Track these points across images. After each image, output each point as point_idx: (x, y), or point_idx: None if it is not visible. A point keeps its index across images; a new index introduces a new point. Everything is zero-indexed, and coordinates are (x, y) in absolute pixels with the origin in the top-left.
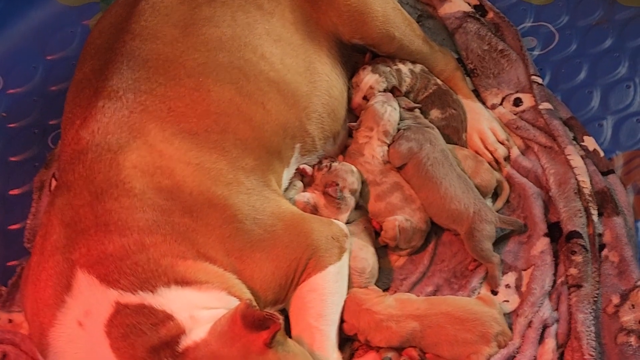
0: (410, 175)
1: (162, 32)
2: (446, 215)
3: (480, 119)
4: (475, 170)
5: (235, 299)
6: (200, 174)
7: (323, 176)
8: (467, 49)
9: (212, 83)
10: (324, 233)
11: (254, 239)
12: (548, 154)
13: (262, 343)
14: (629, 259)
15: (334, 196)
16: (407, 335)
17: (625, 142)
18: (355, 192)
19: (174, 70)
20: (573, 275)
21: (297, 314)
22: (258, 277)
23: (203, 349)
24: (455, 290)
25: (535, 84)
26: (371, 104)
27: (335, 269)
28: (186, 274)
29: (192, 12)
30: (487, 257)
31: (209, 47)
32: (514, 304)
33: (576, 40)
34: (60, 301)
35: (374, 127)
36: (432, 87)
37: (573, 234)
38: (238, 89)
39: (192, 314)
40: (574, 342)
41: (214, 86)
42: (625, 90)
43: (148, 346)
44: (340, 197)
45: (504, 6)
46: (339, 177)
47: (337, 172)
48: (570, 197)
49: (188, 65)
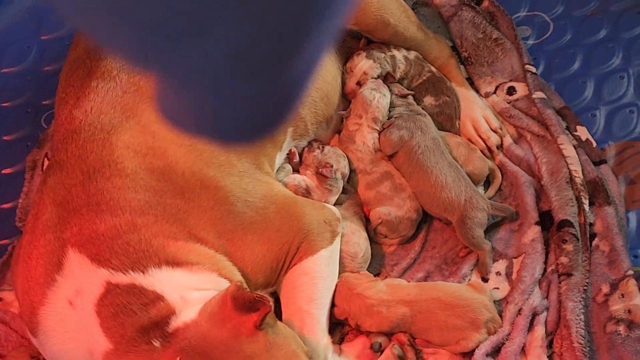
0: (401, 163)
1: None
2: (437, 204)
3: (474, 106)
4: (468, 158)
5: (225, 280)
6: (193, 155)
7: (315, 157)
8: (461, 37)
9: None
10: (316, 217)
11: (246, 221)
12: (541, 143)
13: (252, 325)
14: (619, 249)
15: (329, 177)
16: (397, 320)
17: (618, 132)
18: (345, 177)
19: None
20: (563, 264)
21: (288, 297)
22: (249, 259)
23: (193, 330)
24: (446, 277)
25: (529, 73)
26: (360, 91)
27: (327, 253)
28: (177, 255)
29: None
30: (478, 245)
31: None
32: (504, 291)
33: (571, 30)
34: (50, 280)
35: (363, 114)
36: (426, 74)
37: (564, 223)
38: None
39: (183, 294)
40: (563, 330)
41: None
42: (618, 81)
43: (138, 326)
44: (334, 177)
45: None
46: (332, 159)
47: (331, 153)
48: (562, 186)
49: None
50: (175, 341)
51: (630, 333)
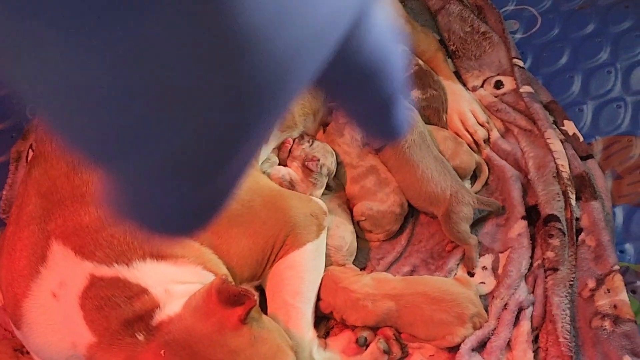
0: (388, 157)
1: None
2: (423, 198)
3: (461, 100)
4: (455, 151)
5: (210, 274)
6: None
7: (303, 150)
8: (449, 31)
9: None
10: (302, 210)
11: (231, 214)
12: (528, 137)
13: (237, 319)
14: (605, 244)
15: (314, 170)
16: (383, 314)
17: (605, 127)
18: (331, 173)
19: None
20: (550, 259)
21: (273, 291)
22: (235, 252)
23: (177, 324)
24: (432, 271)
25: (516, 67)
26: None
27: (313, 247)
28: (162, 248)
29: None
30: (464, 239)
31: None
32: (490, 285)
33: (558, 25)
34: (34, 272)
35: None
36: (414, 67)
37: (551, 218)
38: None
39: (167, 288)
40: (549, 325)
41: None
42: (606, 76)
43: (122, 319)
44: (320, 172)
45: None
46: (320, 154)
47: (319, 149)
48: (548, 180)
49: None
50: (159, 335)
51: (615, 328)
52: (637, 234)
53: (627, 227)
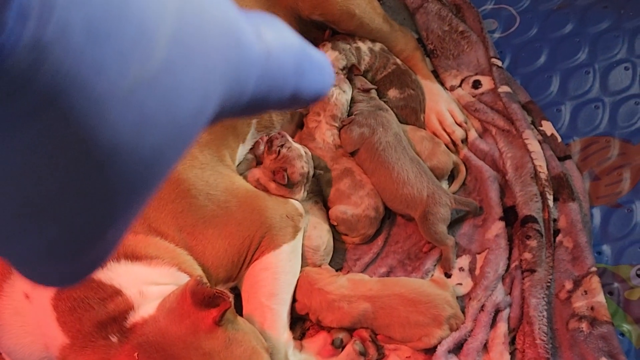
0: (363, 160)
1: None
2: (399, 200)
3: (439, 100)
4: (432, 152)
5: (185, 275)
6: None
7: (272, 162)
8: (427, 30)
9: None
10: (278, 211)
11: (207, 214)
12: (506, 138)
13: (211, 321)
14: (583, 245)
15: (282, 183)
16: (358, 315)
17: (583, 128)
18: (305, 175)
19: None
20: (527, 260)
21: (249, 292)
22: (210, 253)
23: (151, 325)
24: (409, 272)
25: (494, 67)
26: None
27: (289, 248)
28: (136, 249)
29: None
30: (441, 240)
31: None
32: (467, 287)
33: (537, 24)
34: (7, 272)
35: (321, 112)
36: (391, 66)
37: (528, 219)
38: None
39: (141, 289)
40: (526, 327)
41: None
42: (584, 76)
43: (95, 321)
44: (288, 184)
45: None
46: (286, 163)
47: (285, 158)
48: (526, 181)
49: None
50: (132, 336)
51: (592, 330)
52: (614, 235)
53: (604, 229)
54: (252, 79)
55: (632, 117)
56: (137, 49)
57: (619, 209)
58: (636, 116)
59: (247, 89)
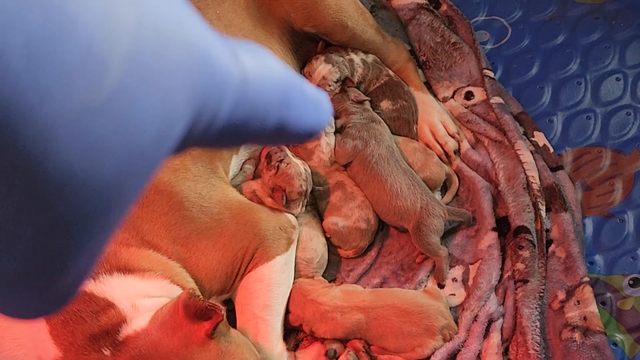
0: (356, 172)
1: None
2: (393, 212)
3: (432, 111)
4: (425, 163)
5: (178, 287)
6: None
7: (270, 178)
8: (419, 41)
9: None
10: (271, 223)
11: (201, 226)
12: (498, 149)
13: (204, 334)
14: (575, 255)
15: (280, 203)
16: (352, 326)
17: (575, 138)
18: (303, 193)
19: None
20: (520, 270)
21: (242, 304)
22: (204, 265)
23: (143, 338)
24: (402, 283)
25: (487, 78)
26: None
27: (282, 260)
28: (129, 261)
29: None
30: (434, 251)
31: None
32: (461, 297)
33: (529, 35)
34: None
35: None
36: (384, 78)
37: (521, 229)
38: None
39: (134, 302)
40: (519, 337)
41: None
42: (576, 87)
43: (88, 334)
44: (286, 204)
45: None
46: (285, 183)
47: (285, 176)
48: (519, 192)
49: None
50: (125, 350)
51: (585, 340)
52: (606, 245)
53: (596, 239)
54: (225, 103)
55: (623, 127)
56: (86, 71)
57: (611, 219)
58: (628, 127)
59: (220, 114)
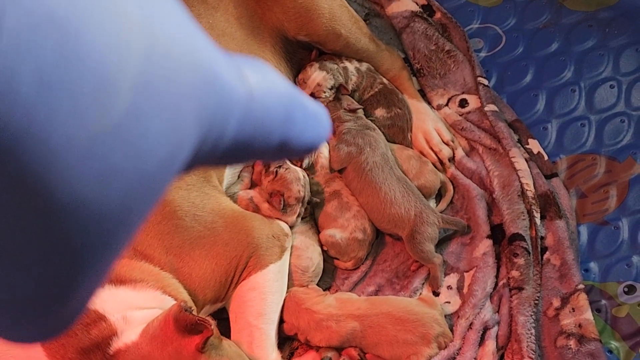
0: (351, 179)
1: None
2: (387, 220)
3: (426, 119)
4: (420, 170)
5: (170, 298)
6: None
7: (269, 183)
8: (414, 49)
9: None
10: (264, 231)
11: (194, 235)
12: (492, 156)
13: (194, 348)
14: (570, 263)
15: (277, 207)
16: (347, 334)
17: (569, 145)
18: (300, 199)
19: None
20: (515, 278)
21: (236, 313)
22: (197, 274)
23: (134, 352)
24: (397, 291)
25: (481, 86)
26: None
27: (276, 268)
28: (120, 273)
29: None
30: (428, 259)
31: None
32: (456, 305)
33: (523, 43)
34: None
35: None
36: (378, 86)
37: (515, 237)
38: None
39: (125, 314)
40: (514, 345)
41: None
42: (570, 94)
43: (79, 347)
44: (283, 209)
45: (452, 7)
46: (284, 187)
47: (283, 181)
48: (513, 199)
49: None
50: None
51: (580, 347)
52: (601, 252)
53: (591, 246)
54: (232, 122)
55: (617, 134)
56: (97, 96)
57: (605, 226)
58: (622, 134)
59: (226, 133)
